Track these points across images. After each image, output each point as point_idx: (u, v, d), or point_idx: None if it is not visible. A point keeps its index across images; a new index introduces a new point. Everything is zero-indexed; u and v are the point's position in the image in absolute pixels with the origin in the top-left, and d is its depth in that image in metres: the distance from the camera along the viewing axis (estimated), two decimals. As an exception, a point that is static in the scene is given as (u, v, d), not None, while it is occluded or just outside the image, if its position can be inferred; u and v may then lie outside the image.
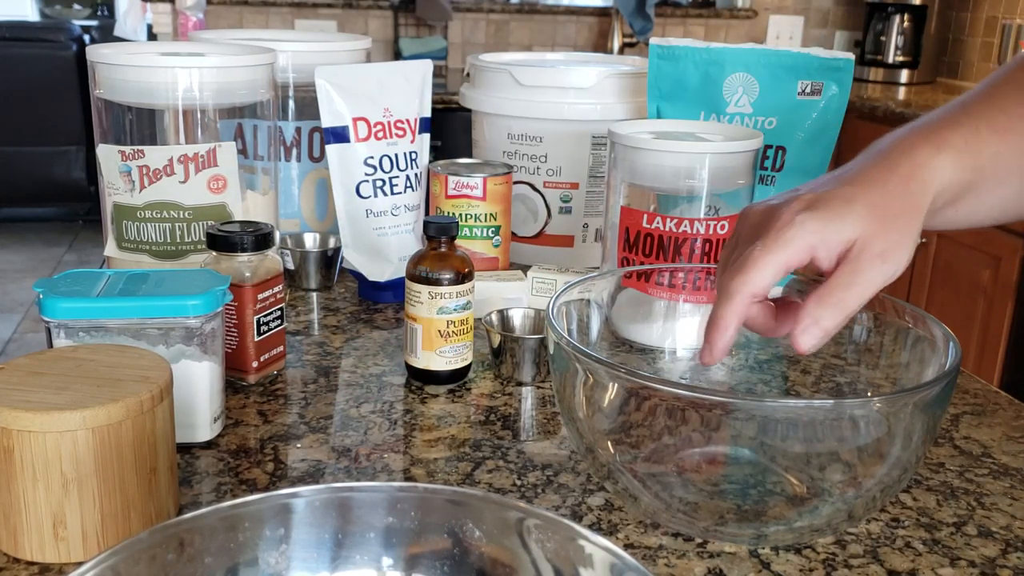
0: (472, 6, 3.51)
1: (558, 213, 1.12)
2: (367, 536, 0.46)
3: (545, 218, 1.13)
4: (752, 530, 0.60)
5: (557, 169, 1.11)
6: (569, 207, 1.12)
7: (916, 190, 0.60)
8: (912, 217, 0.60)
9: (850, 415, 0.56)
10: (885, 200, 0.59)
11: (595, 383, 0.60)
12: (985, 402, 0.85)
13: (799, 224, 0.57)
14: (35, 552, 0.56)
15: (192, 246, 0.90)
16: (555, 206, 1.12)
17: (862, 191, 0.59)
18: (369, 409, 0.79)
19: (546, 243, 1.14)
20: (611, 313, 0.77)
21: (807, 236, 0.57)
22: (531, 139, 1.11)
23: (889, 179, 0.60)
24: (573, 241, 1.14)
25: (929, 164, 0.61)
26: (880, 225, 0.58)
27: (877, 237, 0.58)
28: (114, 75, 0.90)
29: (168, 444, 0.60)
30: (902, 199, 0.60)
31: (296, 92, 1.12)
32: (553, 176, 1.11)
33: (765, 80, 0.97)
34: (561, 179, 1.11)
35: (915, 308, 0.67)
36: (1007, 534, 0.64)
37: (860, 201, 0.58)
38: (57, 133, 4.44)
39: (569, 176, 1.11)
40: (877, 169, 0.61)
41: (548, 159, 1.11)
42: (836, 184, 0.60)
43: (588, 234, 1.13)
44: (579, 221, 1.13)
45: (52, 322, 0.65)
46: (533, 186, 1.12)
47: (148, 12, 3.32)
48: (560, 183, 1.11)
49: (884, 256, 0.57)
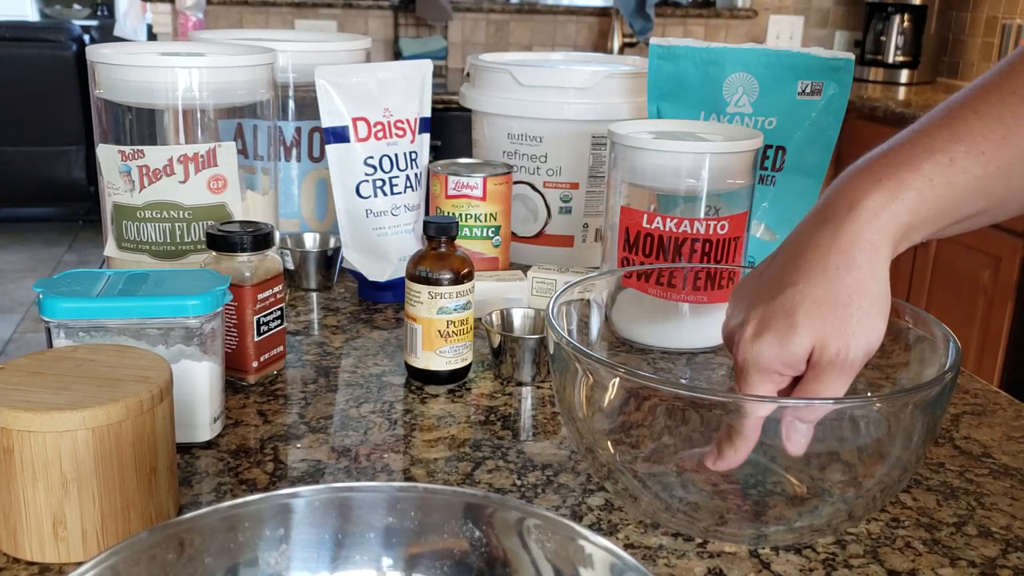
0: (472, 6, 3.51)
1: (558, 213, 1.12)
2: (367, 536, 0.46)
3: (545, 218, 1.13)
4: (752, 530, 0.60)
5: (557, 169, 1.11)
6: (569, 207, 1.12)
7: (863, 261, 0.56)
8: (864, 294, 0.56)
9: (850, 415, 0.56)
10: (829, 291, 0.56)
11: (595, 383, 0.60)
12: (985, 402, 0.85)
13: (755, 357, 0.57)
14: (35, 552, 0.56)
15: (192, 246, 0.90)
16: (555, 206, 1.12)
17: (802, 290, 0.56)
18: (369, 409, 0.79)
19: (546, 243, 1.14)
20: (611, 313, 0.77)
21: (769, 364, 0.57)
22: (531, 139, 1.11)
23: (828, 258, 0.56)
24: (573, 241, 1.14)
25: (877, 220, 0.56)
26: (830, 324, 0.55)
27: (830, 339, 0.55)
28: (114, 75, 0.90)
29: (168, 444, 0.60)
30: (847, 280, 0.56)
31: (296, 92, 1.12)
32: (553, 176, 1.11)
33: (765, 80, 0.97)
34: (561, 179, 1.11)
35: (915, 308, 0.67)
36: (1007, 534, 0.64)
37: (802, 306, 0.56)
38: (57, 133, 4.44)
39: (569, 176, 1.11)
40: (816, 247, 0.57)
41: (548, 159, 1.11)
42: (778, 288, 0.57)
43: (588, 234, 1.13)
44: (579, 221, 1.13)
45: (52, 322, 0.65)
46: (533, 186, 1.12)
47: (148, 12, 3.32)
48: (560, 183, 1.11)
49: (842, 353, 0.55)
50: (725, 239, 0.85)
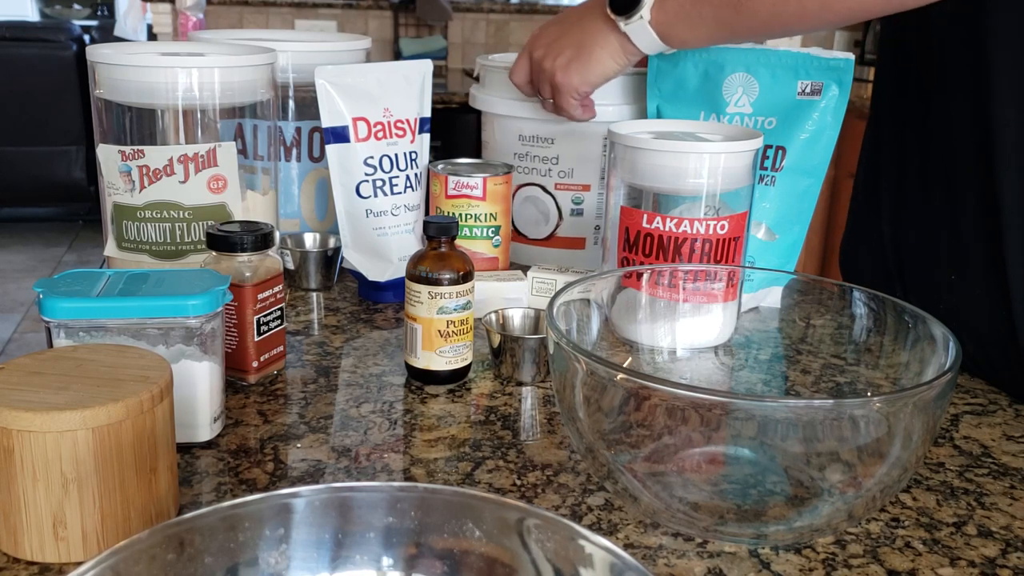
0: (472, 6, 3.51)
1: (569, 215, 1.12)
2: (367, 536, 0.46)
3: (557, 220, 1.12)
4: (752, 530, 0.60)
5: (569, 171, 1.11)
6: (581, 209, 1.12)
7: None
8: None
9: (850, 415, 0.56)
10: None
11: (595, 383, 0.60)
12: (985, 402, 0.85)
13: None
14: (35, 552, 0.56)
15: (192, 246, 0.90)
16: (567, 208, 1.12)
17: None
18: (369, 409, 0.79)
19: (558, 245, 1.14)
20: (611, 313, 0.77)
21: None
22: (542, 141, 1.11)
23: None
24: (584, 243, 1.13)
25: None
26: None
27: None
28: (114, 75, 0.90)
29: (168, 444, 0.60)
30: None
31: (296, 92, 1.12)
32: (565, 178, 1.11)
33: (765, 80, 0.97)
34: (573, 181, 1.11)
35: (915, 308, 0.67)
36: (1007, 534, 0.64)
37: None
38: (57, 133, 4.44)
39: (581, 178, 1.11)
40: None
41: (560, 161, 1.10)
42: None
43: (600, 236, 1.13)
44: (591, 223, 1.12)
45: (52, 322, 0.65)
46: (544, 188, 1.12)
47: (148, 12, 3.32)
48: (572, 185, 1.11)
49: None
50: (725, 239, 0.85)
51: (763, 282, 0.93)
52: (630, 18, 0.90)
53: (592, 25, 0.96)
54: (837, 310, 0.75)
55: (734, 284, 0.84)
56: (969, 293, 0.88)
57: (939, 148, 0.91)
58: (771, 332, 0.86)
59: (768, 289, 0.90)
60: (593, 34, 0.96)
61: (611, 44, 0.95)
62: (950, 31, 0.87)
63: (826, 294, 0.76)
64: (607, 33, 0.94)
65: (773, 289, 0.84)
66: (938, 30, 0.88)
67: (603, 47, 0.95)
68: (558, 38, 1.00)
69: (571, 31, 0.99)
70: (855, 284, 0.74)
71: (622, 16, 0.91)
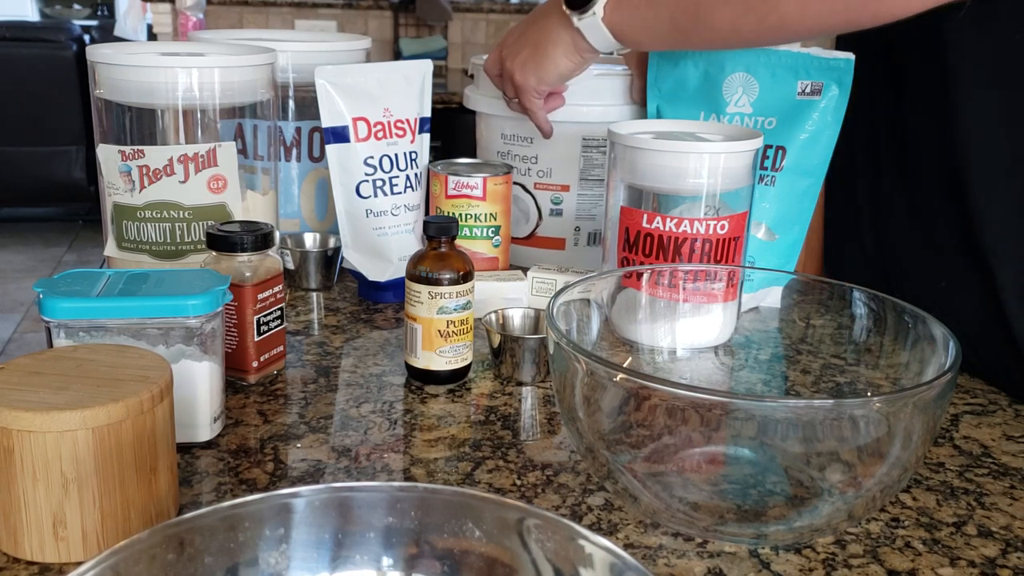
0: (472, 6, 3.51)
1: (549, 215, 1.12)
2: (367, 536, 0.46)
3: (536, 220, 1.12)
4: (752, 530, 0.60)
5: (548, 171, 1.10)
6: (560, 209, 1.11)
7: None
8: None
9: (850, 415, 0.56)
10: None
11: (595, 383, 0.60)
12: (985, 402, 0.85)
13: None
14: (35, 552, 0.56)
15: (192, 246, 0.90)
16: (546, 208, 1.12)
17: None
18: (369, 409, 0.79)
19: (538, 245, 1.13)
20: (611, 313, 0.77)
21: None
22: (522, 139, 1.11)
23: None
24: (564, 244, 1.13)
25: None
26: None
27: None
28: (114, 75, 0.90)
29: (168, 444, 0.60)
30: None
31: (296, 92, 1.12)
32: (544, 177, 1.11)
33: (765, 80, 0.97)
34: (552, 180, 1.11)
35: (915, 308, 0.67)
36: (1007, 534, 0.64)
37: None
38: (57, 133, 4.44)
39: (560, 178, 1.10)
40: None
41: (539, 160, 1.10)
42: None
43: (580, 237, 1.13)
44: (570, 224, 1.12)
45: (52, 322, 0.65)
46: (525, 187, 1.12)
47: (148, 12, 3.32)
48: (551, 185, 1.11)
49: None
50: (725, 239, 0.85)
51: (763, 282, 0.93)
52: (583, 14, 0.89)
53: (547, 23, 0.95)
54: (837, 310, 0.75)
55: (734, 284, 0.84)
56: (960, 299, 0.88)
57: (913, 148, 0.91)
58: (771, 332, 0.86)
59: (768, 289, 0.90)
60: (548, 32, 0.95)
61: (564, 41, 0.94)
62: (907, 33, 0.87)
63: (826, 294, 0.76)
64: (560, 31, 0.94)
65: (773, 289, 0.84)
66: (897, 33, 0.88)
67: (556, 44, 0.95)
68: (519, 37, 1.00)
69: (529, 30, 0.99)
70: None
71: (576, 11, 0.90)
